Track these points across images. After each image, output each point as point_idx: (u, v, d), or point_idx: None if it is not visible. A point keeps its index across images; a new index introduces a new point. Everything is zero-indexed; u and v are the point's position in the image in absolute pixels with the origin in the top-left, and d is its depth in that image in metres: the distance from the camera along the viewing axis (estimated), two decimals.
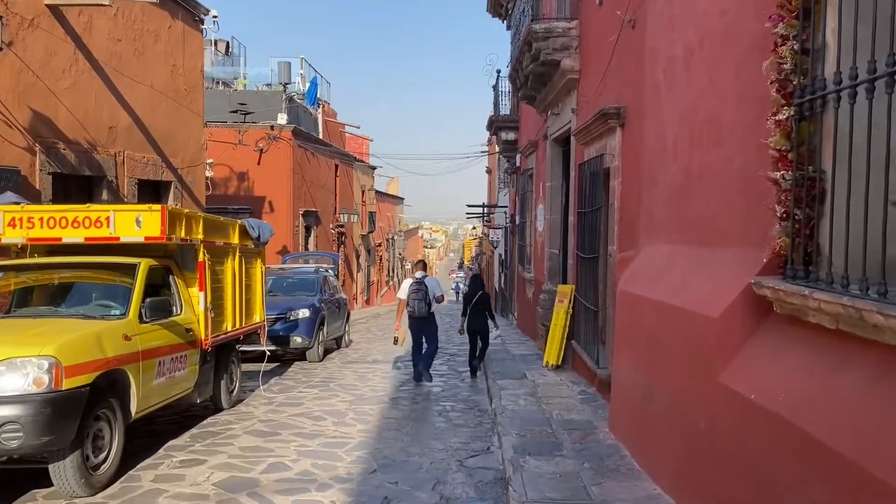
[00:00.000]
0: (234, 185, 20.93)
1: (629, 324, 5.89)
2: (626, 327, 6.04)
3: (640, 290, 5.67)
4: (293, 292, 12.80)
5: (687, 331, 4.39)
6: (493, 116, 19.76)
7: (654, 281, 5.50)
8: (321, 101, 26.96)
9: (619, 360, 6.29)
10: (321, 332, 12.19)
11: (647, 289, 5.50)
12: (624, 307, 6.13)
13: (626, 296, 6.08)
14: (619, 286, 6.41)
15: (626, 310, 6.00)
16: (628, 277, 6.23)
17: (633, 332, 5.75)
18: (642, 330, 5.43)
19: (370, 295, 35.92)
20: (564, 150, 12.50)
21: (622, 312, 6.20)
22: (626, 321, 6.00)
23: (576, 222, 9.82)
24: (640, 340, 5.51)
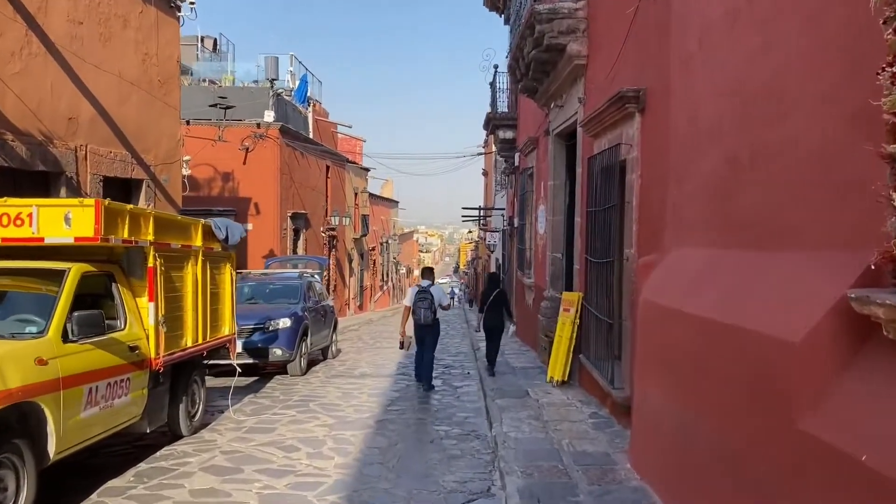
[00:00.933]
0: (219, 186, 19.94)
1: (659, 342, 4.91)
2: (653, 346, 5.06)
3: (672, 301, 4.69)
4: (274, 300, 11.79)
5: (748, 357, 3.41)
6: (490, 114, 18.82)
7: (691, 291, 4.52)
8: (312, 100, 25.98)
9: (643, 383, 5.31)
10: (304, 344, 11.19)
11: (683, 300, 4.52)
12: (650, 321, 5.15)
13: (652, 308, 5.09)
14: (643, 296, 5.43)
15: (654, 325, 5.02)
16: (655, 286, 5.25)
17: (664, 353, 4.77)
18: (678, 351, 4.45)
19: (363, 300, 34.91)
20: (569, 146, 11.55)
21: (648, 327, 5.22)
22: (655, 338, 5.02)
23: (584, 223, 8.85)
24: (674, 363, 4.53)
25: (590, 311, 8.20)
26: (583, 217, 9.00)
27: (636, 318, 6.27)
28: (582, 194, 9.21)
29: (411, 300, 9.90)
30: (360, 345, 17.20)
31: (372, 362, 13.00)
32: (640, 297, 5.74)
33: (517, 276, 16.40)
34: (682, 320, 4.41)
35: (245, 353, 10.31)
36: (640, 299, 5.54)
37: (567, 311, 9.38)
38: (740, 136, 4.20)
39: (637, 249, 6.45)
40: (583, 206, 9.04)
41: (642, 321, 5.40)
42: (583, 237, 8.96)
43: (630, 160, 6.66)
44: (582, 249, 9.08)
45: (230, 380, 9.67)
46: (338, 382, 10.36)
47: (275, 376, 10.97)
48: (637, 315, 5.63)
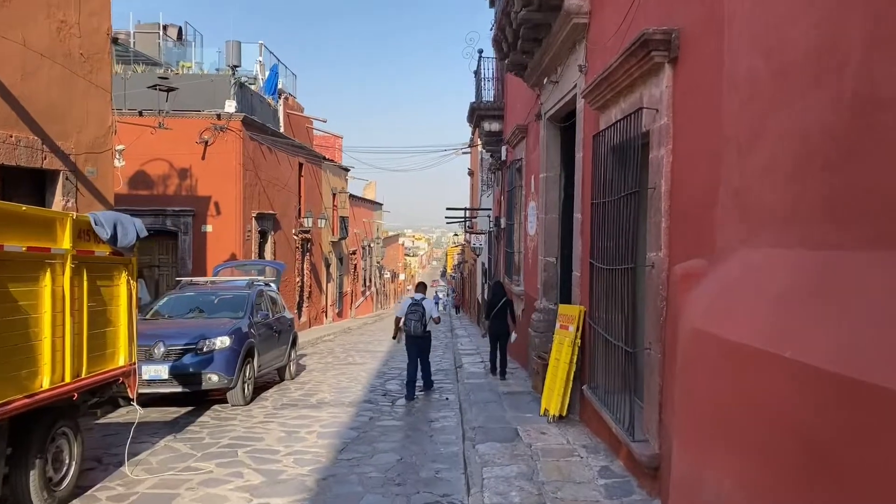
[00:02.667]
0: (174, 184, 18.02)
1: (726, 398, 3.11)
2: (713, 401, 3.27)
3: (751, 336, 2.90)
4: (214, 313, 9.92)
5: None
6: (474, 104, 17.05)
7: (787, 320, 2.74)
8: (283, 93, 24.10)
9: (692, 456, 3.52)
10: (249, 366, 9.33)
11: (775, 336, 2.73)
12: (705, 363, 3.36)
13: (710, 343, 3.30)
14: (690, 322, 3.64)
15: (715, 370, 3.24)
16: (709, 308, 3.47)
17: (739, 417, 2.98)
18: (779, 423, 2.65)
19: (343, 307, 33.01)
20: (565, 129, 9.80)
21: (701, 372, 3.43)
22: (716, 391, 3.23)
23: (587, 219, 7.09)
24: (768, 443, 2.73)
25: (596, 331, 6.42)
26: (586, 212, 7.23)
27: (670, 351, 4.49)
28: (584, 183, 7.44)
29: (403, 312, 10.12)
30: (330, 360, 15.35)
31: (336, 385, 11.14)
32: (678, 320, 3.96)
33: (505, 283, 14.61)
34: (780, 371, 2.62)
35: (172, 379, 8.46)
36: (684, 326, 3.75)
37: (565, 328, 7.60)
38: (871, 62, 2.44)
39: (668, 252, 4.67)
40: (585, 197, 7.27)
41: (690, 361, 3.61)
42: (585, 237, 7.18)
43: (656, 131, 4.89)
44: (584, 252, 7.31)
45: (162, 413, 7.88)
46: (285, 416, 8.51)
47: (214, 405, 9.11)
48: (678, 349, 3.84)
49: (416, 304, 9.98)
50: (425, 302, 10.14)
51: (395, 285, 63.02)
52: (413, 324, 9.86)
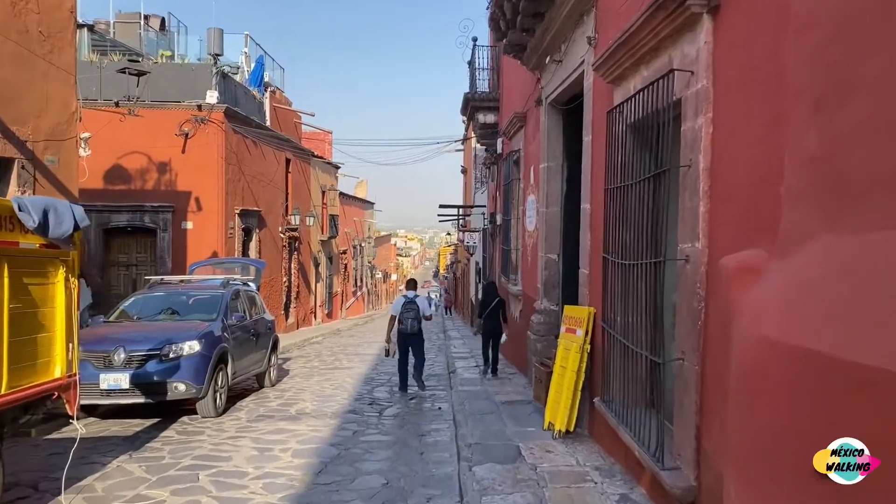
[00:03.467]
0: (153, 178, 17.12)
1: (819, 429, 2.28)
2: (802, 433, 2.44)
3: (862, 352, 2.09)
4: (184, 315, 9.06)
5: None
6: (468, 94, 16.22)
7: None
8: (270, 86, 23.22)
9: (766, 498, 2.69)
10: (221, 374, 8.47)
11: None
12: (785, 383, 2.54)
13: (793, 357, 2.48)
14: (752, 327, 2.82)
15: (805, 394, 2.42)
16: (787, 312, 2.65)
17: None
18: None
19: (332, 307, 32.12)
20: (568, 114, 9.00)
21: (777, 394, 2.60)
22: (805, 420, 2.40)
23: (599, 209, 6.28)
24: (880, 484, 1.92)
25: (611, 336, 5.60)
26: (596, 201, 6.42)
27: (711, 362, 3.68)
28: (594, 169, 6.62)
29: (398, 310, 10.26)
30: (316, 363, 14.49)
31: (319, 392, 10.29)
32: (729, 324, 3.14)
33: (500, 283, 13.80)
34: None
35: (134, 389, 7.59)
36: (742, 333, 2.93)
37: (571, 331, 6.78)
38: None
39: (708, 243, 3.86)
40: (596, 185, 6.46)
41: (754, 377, 2.78)
42: (596, 229, 6.37)
43: (691, 97, 4.07)
44: (594, 246, 6.49)
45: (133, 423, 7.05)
46: (260, 429, 7.65)
47: (183, 417, 8.25)
48: (733, 361, 3.01)
49: (411, 303, 10.24)
50: (419, 299, 10.42)
51: (387, 285, 62.10)
52: (409, 321, 10.11)
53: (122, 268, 17.22)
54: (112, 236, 17.12)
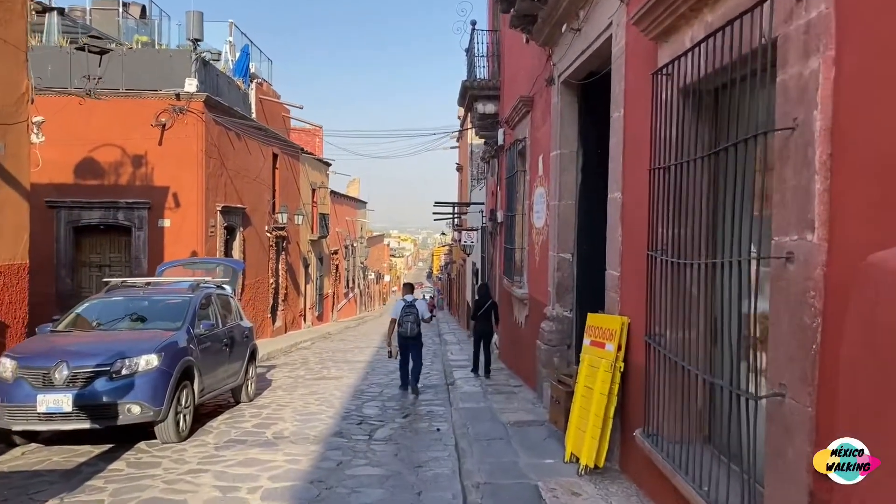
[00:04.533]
0: (128, 173, 15.90)
1: None
2: None
3: None
4: (146, 323, 7.89)
5: None
6: (466, 82, 15.08)
7: None
8: (257, 78, 22.04)
9: None
10: (186, 391, 7.31)
11: None
12: None
13: None
14: None
15: None
16: None
17: None
18: None
19: (323, 309, 30.94)
20: (585, 93, 7.93)
21: None
22: None
23: (632, 197, 5.17)
24: None
25: (657, 353, 4.47)
26: (630, 187, 5.30)
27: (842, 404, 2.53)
28: (627, 149, 5.50)
29: (398, 314, 10.43)
30: (302, 372, 13.34)
31: (302, 409, 9.14)
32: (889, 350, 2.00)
33: (503, 285, 12.68)
34: None
35: (78, 412, 6.43)
36: None
37: (599, 345, 5.66)
38: None
39: (828, 234, 2.73)
40: (629, 168, 5.35)
41: None
42: (630, 222, 5.26)
43: (796, 33, 2.95)
44: (628, 243, 5.38)
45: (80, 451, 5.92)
46: (227, 460, 6.48)
47: (141, 442, 7.08)
48: None
49: (410, 306, 10.45)
50: (417, 303, 10.70)
51: (380, 287, 60.93)
52: (409, 325, 10.30)
53: (94, 269, 16.00)
54: (83, 235, 15.92)
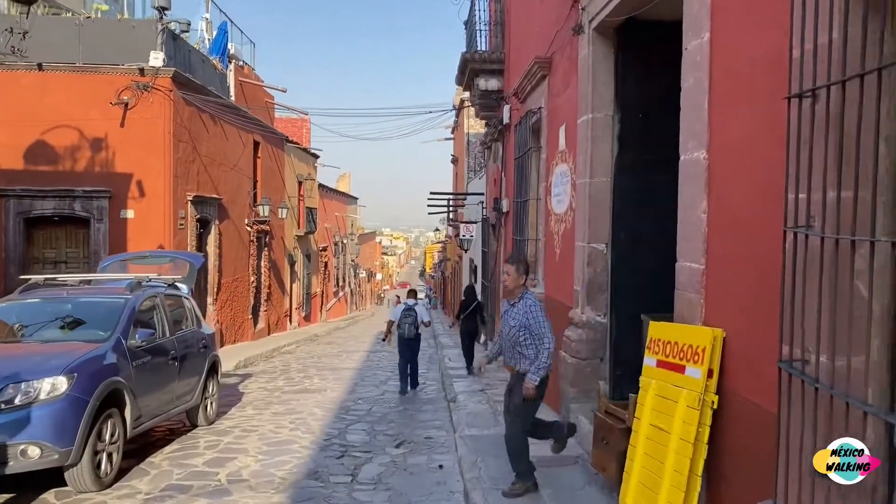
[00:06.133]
0: (85, 158, 14.11)
1: None
2: None
3: None
4: (68, 332, 6.16)
5: None
6: (466, 54, 13.39)
7: None
8: (236, 59, 20.27)
9: None
10: (111, 423, 5.58)
11: None
12: None
13: None
14: None
15: None
16: None
17: None
18: None
19: (311, 309, 29.18)
20: (623, 43, 6.28)
21: None
22: None
23: (731, 152, 3.50)
24: None
25: (799, 386, 2.79)
26: (733, 137, 3.63)
27: None
28: (717, 84, 3.83)
29: (397, 316, 10.80)
30: (280, 382, 11.63)
31: (271, 436, 7.42)
32: None
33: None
34: None
35: None
36: None
37: (675, 369, 3.98)
38: None
39: None
40: (723, 110, 3.67)
41: None
42: (740, 186, 3.59)
43: None
44: (716, 221, 3.71)
45: None
46: None
47: (46, 493, 5.36)
48: None
49: (410, 310, 10.70)
50: (417, 307, 10.95)
51: (372, 285, 59.16)
52: (407, 327, 10.50)
53: (48, 265, 14.19)
54: (36, 227, 14.13)
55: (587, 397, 6.70)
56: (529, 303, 5.14)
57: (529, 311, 5.08)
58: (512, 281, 5.24)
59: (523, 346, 5.08)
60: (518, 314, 5.13)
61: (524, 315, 5.08)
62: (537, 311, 5.11)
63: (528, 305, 5.12)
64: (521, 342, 5.08)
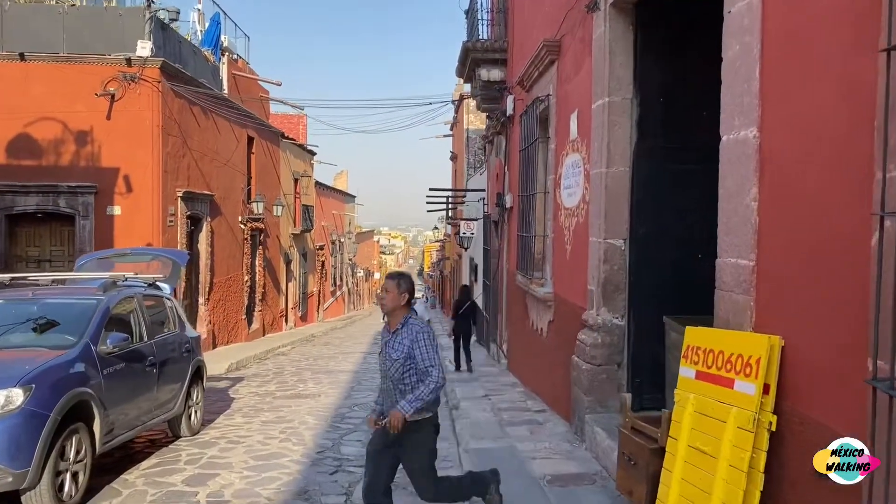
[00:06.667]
0: (70, 152, 13.54)
1: None
2: None
3: None
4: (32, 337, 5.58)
5: None
6: (468, 43, 12.82)
7: None
8: (230, 52, 19.68)
9: None
10: (77, 439, 5.00)
11: None
12: None
13: None
14: None
15: None
16: None
17: None
18: None
19: (307, 309, 28.61)
20: (642, 21, 5.73)
21: None
22: None
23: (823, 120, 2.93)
24: None
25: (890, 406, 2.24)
26: (798, 111, 3.06)
27: None
28: (769, 50, 3.26)
29: None
30: (272, 387, 11.06)
31: (259, 448, 6.85)
32: None
33: (516, 283, 10.43)
34: None
35: None
36: None
37: (718, 382, 3.42)
38: None
39: None
40: (783, 80, 3.10)
41: None
42: (810, 166, 3.02)
43: None
44: (791, 205, 3.14)
45: None
46: None
47: None
48: None
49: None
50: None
51: (370, 284, 58.55)
52: None
53: (31, 264, 13.62)
54: (18, 224, 13.56)
55: (603, 407, 6.15)
56: (416, 329, 4.10)
57: (416, 340, 4.04)
58: (391, 301, 4.15)
59: (408, 384, 4.06)
60: (401, 344, 4.08)
61: (410, 344, 4.05)
62: (425, 340, 4.06)
63: (415, 332, 4.08)
64: (406, 379, 4.07)
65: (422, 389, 3.94)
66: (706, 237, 5.70)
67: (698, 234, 5.99)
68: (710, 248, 5.45)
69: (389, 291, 4.17)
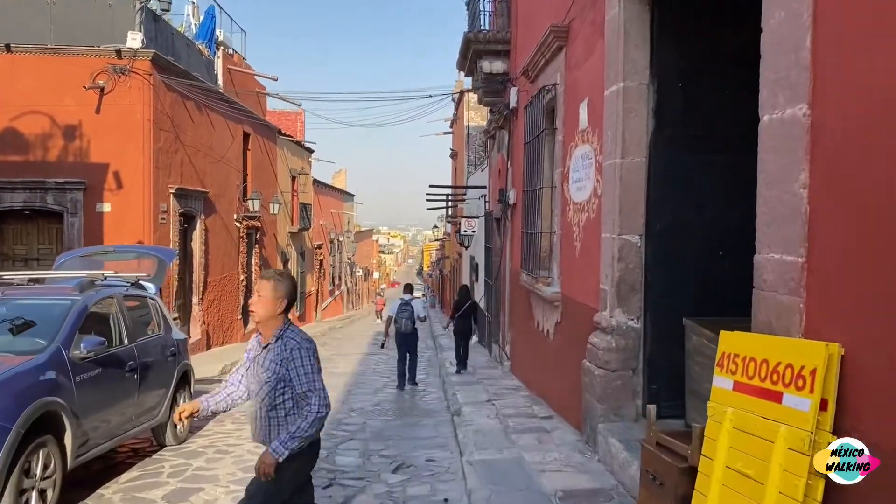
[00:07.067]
0: (58, 147, 13.08)
1: None
2: None
3: None
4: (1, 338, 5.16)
5: None
6: (469, 34, 12.37)
7: None
8: (225, 46, 19.22)
9: None
10: (45, 453, 4.56)
11: None
12: None
13: None
14: None
15: None
16: None
17: None
18: None
19: (305, 309, 28.18)
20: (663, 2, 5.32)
21: None
22: None
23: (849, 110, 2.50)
24: None
25: None
26: (864, 82, 2.63)
27: None
28: (822, 16, 2.82)
29: (395, 311, 11.03)
30: None
31: (248, 458, 6.41)
32: None
33: (520, 282, 9.98)
34: None
35: None
36: None
37: (762, 395, 2.98)
38: None
39: None
40: (841, 50, 2.67)
41: None
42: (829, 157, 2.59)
43: None
44: (820, 199, 2.70)
45: None
46: None
47: None
48: None
49: (406, 304, 10.94)
50: (414, 302, 11.16)
51: (369, 284, 58.13)
52: (404, 322, 10.74)
53: (18, 262, 13.17)
54: (5, 222, 13.12)
55: (617, 415, 5.72)
56: (292, 344, 3.27)
57: (290, 359, 3.24)
58: (263, 308, 3.28)
59: (281, 410, 3.29)
60: (273, 363, 3.28)
61: (282, 362, 3.25)
62: (303, 356, 3.25)
63: (290, 348, 3.25)
64: (280, 406, 3.29)
65: (300, 424, 3.18)
66: (729, 232, 5.32)
67: (720, 229, 5.60)
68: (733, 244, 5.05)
69: (262, 295, 3.27)
